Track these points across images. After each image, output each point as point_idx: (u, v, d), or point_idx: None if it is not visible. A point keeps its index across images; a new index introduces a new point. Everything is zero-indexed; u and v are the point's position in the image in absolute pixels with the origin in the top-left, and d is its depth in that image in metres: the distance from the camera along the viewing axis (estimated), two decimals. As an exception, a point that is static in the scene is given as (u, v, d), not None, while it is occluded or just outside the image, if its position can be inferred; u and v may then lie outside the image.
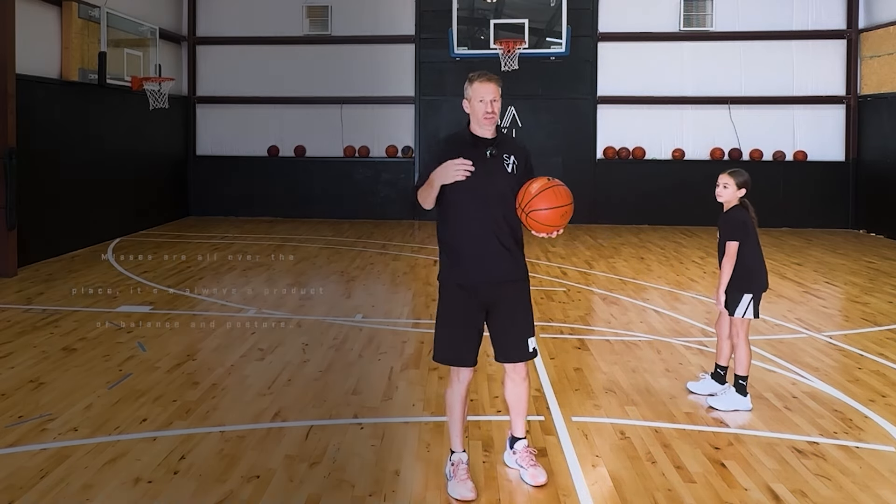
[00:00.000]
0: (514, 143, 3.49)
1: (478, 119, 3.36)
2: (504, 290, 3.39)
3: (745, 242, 4.42)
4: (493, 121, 3.35)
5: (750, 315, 4.45)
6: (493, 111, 3.33)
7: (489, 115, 3.33)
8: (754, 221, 4.50)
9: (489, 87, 3.34)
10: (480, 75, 3.38)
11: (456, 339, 3.38)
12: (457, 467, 3.42)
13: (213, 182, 14.19)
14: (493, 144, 3.37)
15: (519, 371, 3.49)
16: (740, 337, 4.47)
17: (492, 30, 12.65)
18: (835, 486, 3.47)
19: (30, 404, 4.41)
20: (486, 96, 3.32)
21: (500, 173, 3.34)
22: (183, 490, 3.38)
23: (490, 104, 3.32)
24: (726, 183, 4.49)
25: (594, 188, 13.46)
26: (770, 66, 13.31)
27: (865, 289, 8.02)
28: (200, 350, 5.60)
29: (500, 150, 3.37)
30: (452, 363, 3.40)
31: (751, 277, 4.46)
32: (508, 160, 3.37)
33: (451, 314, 3.40)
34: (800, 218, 13.10)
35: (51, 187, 9.59)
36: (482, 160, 3.31)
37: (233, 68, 14.28)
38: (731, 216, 4.47)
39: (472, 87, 3.37)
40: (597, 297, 7.59)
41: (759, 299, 4.49)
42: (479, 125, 3.39)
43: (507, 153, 3.39)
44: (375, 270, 8.95)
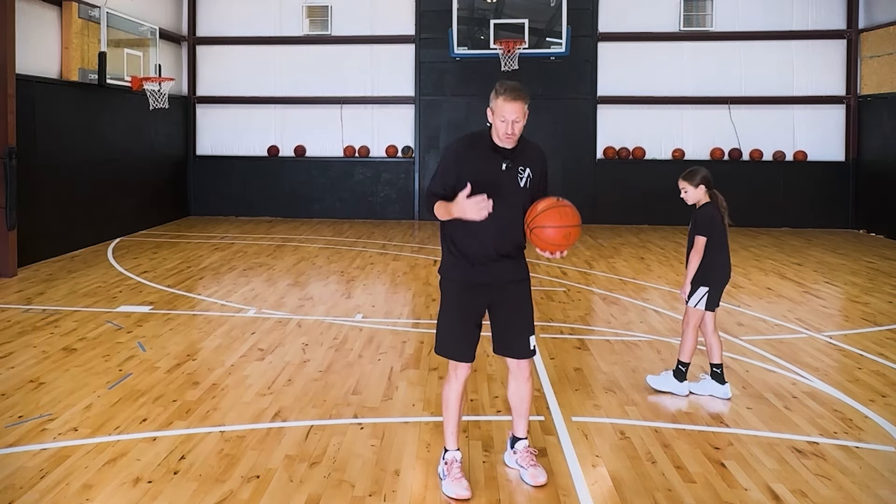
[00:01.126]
0: (532, 154, 3.41)
1: (498, 135, 3.30)
2: (506, 289, 3.42)
3: (712, 238, 4.58)
4: (512, 141, 3.31)
5: (702, 307, 4.62)
6: (513, 132, 3.25)
7: (509, 136, 3.26)
8: (724, 214, 4.63)
9: (513, 108, 3.22)
10: (507, 91, 3.25)
11: (456, 334, 3.42)
12: (450, 466, 3.43)
13: (213, 182, 14.20)
14: (510, 157, 3.33)
15: (523, 370, 3.51)
16: (689, 325, 4.66)
17: (492, 30, 12.65)
18: (835, 486, 3.47)
19: (30, 404, 4.41)
20: (508, 116, 3.23)
21: (512, 187, 3.32)
22: (183, 490, 3.38)
23: (511, 125, 3.24)
24: (684, 187, 4.65)
25: (594, 188, 13.46)
26: (770, 66, 13.32)
27: (865, 289, 8.02)
28: (200, 350, 5.60)
29: (515, 163, 3.34)
30: (451, 357, 3.43)
31: (711, 271, 4.62)
32: (523, 174, 3.34)
33: (452, 309, 3.43)
34: (800, 218, 13.11)
35: (51, 187, 9.59)
36: (497, 172, 3.31)
37: (233, 68, 14.29)
38: (702, 212, 4.63)
39: (496, 102, 3.27)
40: (597, 297, 7.59)
41: (718, 294, 4.66)
42: (499, 140, 3.33)
43: (522, 166, 3.35)
44: (375, 270, 8.95)
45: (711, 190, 4.64)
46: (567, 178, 13.02)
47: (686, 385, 4.68)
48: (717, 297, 4.67)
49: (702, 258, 4.59)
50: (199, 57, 14.45)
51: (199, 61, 14.45)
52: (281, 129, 14.28)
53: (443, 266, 3.49)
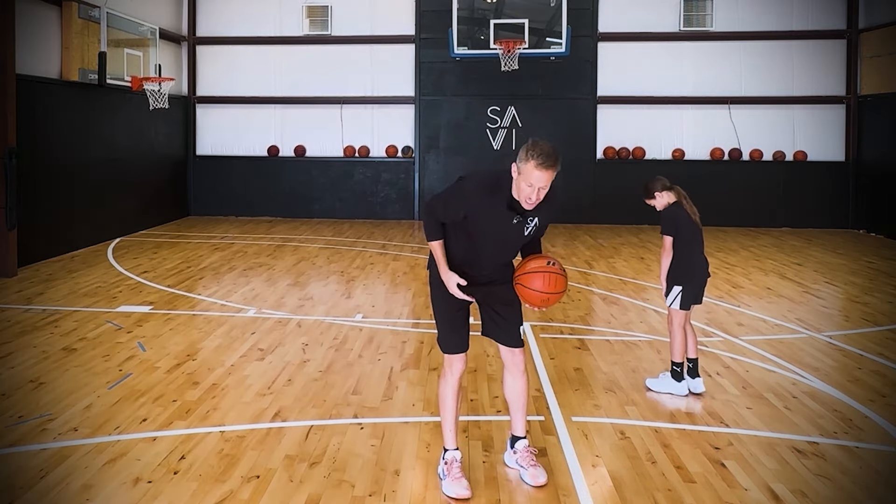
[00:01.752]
0: (546, 202, 3.28)
1: (520, 196, 3.20)
2: (494, 287, 3.52)
3: (679, 237, 4.69)
4: (533, 206, 3.21)
5: (677, 306, 4.68)
6: (536, 199, 3.17)
7: (530, 203, 3.18)
8: (691, 214, 4.73)
9: (544, 176, 3.11)
10: (541, 157, 3.09)
11: (447, 326, 3.50)
12: (450, 466, 3.43)
13: (213, 182, 14.20)
14: (522, 212, 3.29)
15: (518, 363, 3.54)
16: (673, 324, 4.71)
17: (492, 30, 12.65)
18: (835, 486, 3.47)
19: (30, 404, 4.41)
20: (535, 183, 3.12)
21: (516, 236, 3.36)
22: (183, 490, 3.38)
23: (538, 192, 3.15)
24: (650, 203, 4.87)
25: (594, 188, 13.47)
26: (770, 66, 13.32)
27: (865, 289, 8.02)
28: (200, 350, 5.60)
29: (526, 216, 3.31)
30: (447, 349, 3.49)
31: (683, 270, 4.70)
32: (530, 224, 3.33)
33: (441, 301, 3.52)
34: (800, 218, 13.11)
35: (51, 187, 9.59)
36: (507, 224, 3.30)
37: (233, 68, 14.29)
38: (665, 213, 4.78)
39: (527, 166, 3.12)
40: (597, 297, 7.59)
41: (692, 292, 4.71)
42: (518, 198, 3.23)
43: (532, 216, 3.32)
44: (375, 270, 8.95)
45: (674, 190, 4.77)
46: (567, 179, 12.97)
47: (684, 384, 4.69)
48: (692, 296, 4.71)
49: (673, 257, 4.69)
50: (199, 57, 14.45)
51: (199, 61, 14.45)
52: (281, 129, 14.28)
53: (432, 263, 3.54)
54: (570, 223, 13.20)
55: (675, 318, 4.71)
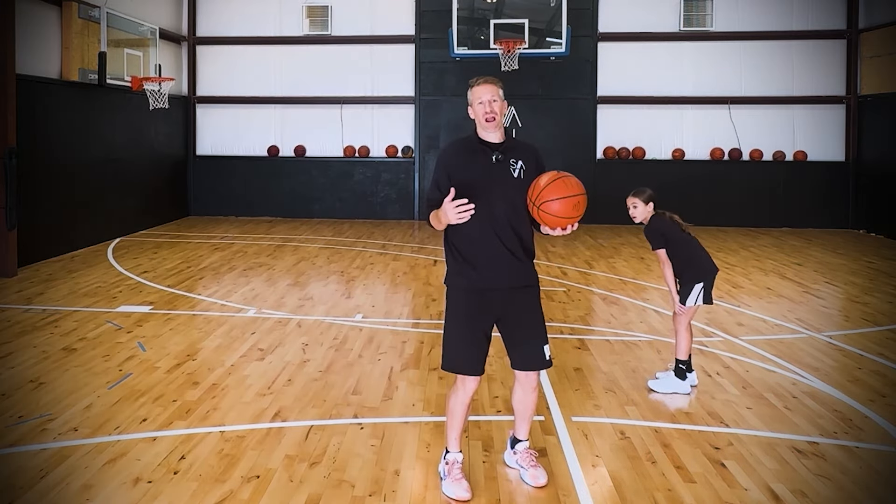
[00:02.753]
0: (523, 147, 3.42)
1: (480, 122, 3.35)
2: (514, 297, 3.33)
3: (672, 243, 4.70)
4: (495, 122, 3.32)
5: (700, 302, 4.69)
6: (491, 110, 3.31)
7: (489, 115, 3.31)
8: (676, 222, 4.73)
9: (487, 88, 3.34)
10: (479, 79, 3.40)
11: (464, 345, 3.32)
12: (451, 466, 3.42)
13: (213, 182, 14.20)
14: (499, 149, 3.34)
15: (531, 380, 3.43)
16: (683, 324, 4.71)
17: (492, 30, 12.65)
18: (835, 486, 3.47)
19: (30, 404, 4.41)
20: (484, 96, 3.32)
21: (506, 178, 3.29)
22: (183, 490, 3.38)
23: (489, 104, 3.31)
24: (634, 203, 4.77)
25: (594, 188, 13.43)
26: (770, 66, 13.32)
27: (865, 289, 8.02)
28: (200, 350, 5.60)
29: (506, 156, 3.33)
30: (460, 371, 3.33)
31: (696, 268, 4.71)
32: (515, 165, 3.33)
33: (459, 319, 3.33)
34: (800, 218, 13.11)
35: (51, 187, 9.60)
36: (488, 165, 3.30)
37: (233, 68, 14.29)
38: (649, 228, 4.75)
39: (471, 91, 3.38)
40: (597, 297, 7.59)
41: (711, 286, 4.73)
42: (483, 128, 3.36)
43: (514, 158, 3.34)
44: (375, 270, 8.94)
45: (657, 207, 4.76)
46: (567, 178, 12.99)
47: (688, 382, 4.70)
48: (711, 290, 4.75)
49: (680, 261, 4.69)
50: (199, 57, 14.45)
51: (199, 61, 14.45)
52: (281, 129, 14.28)
53: (448, 274, 3.41)
54: (570, 223, 13.17)
55: (687, 315, 4.71)
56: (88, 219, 10.50)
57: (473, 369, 3.32)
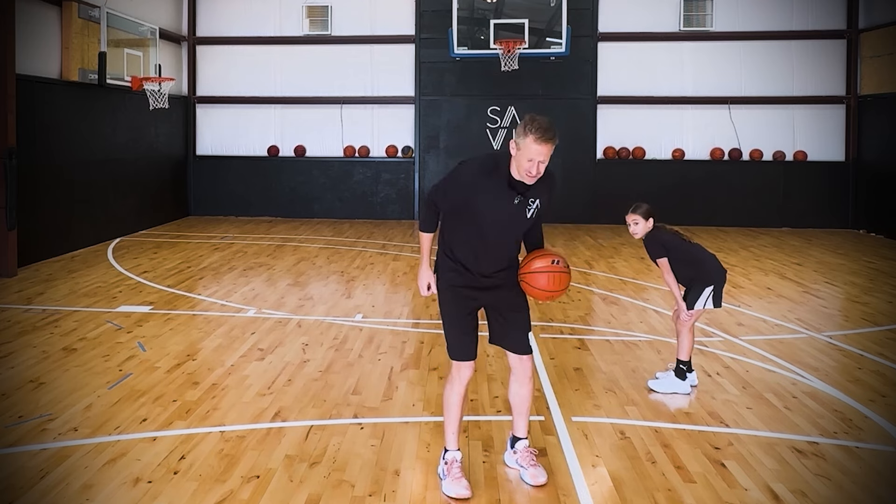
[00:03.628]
0: (545, 184, 3.35)
1: (520, 173, 3.25)
2: (500, 291, 3.49)
3: (674, 250, 4.71)
4: (534, 180, 3.26)
5: (710, 305, 4.69)
6: (537, 173, 3.22)
7: (531, 177, 3.23)
8: (676, 232, 4.78)
9: (544, 150, 3.16)
10: (540, 131, 3.14)
11: (456, 332, 3.46)
12: (450, 466, 3.43)
13: (213, 182, 14.20)
14: (523, 191, 3.31)
15: (525, 370, 3.53)
16: (687, 326, 4.71)
17: (492, 30, 12.64)
18: (835, 486, 3.47)
19: (30, 404, 4.41)
20: (535, 157, 3.17)
21: (518, 219, 3.35)
22: (183, 490, 3.38)
23: (537, 166, 3.19)
24: (635, 220, 4.76)
25: (594, 188, 13.47)
26: (770, 66, 13.32)
27: (865, 289, 8.02)
28: (200, 350, 5.60)
29: (527, 196, 3.32)
30: (457, 357, 3.45)
31: (705, 272, 4.71)
32: (531, 206, 3.35)
33: (449, 305, 3.48)
34: (800, 218, 13.11)
35: (51, 187, 9.60)
36: (508, 206, 3.31)
37: (233, 68, 14.29)
38: (648, 241, 4.75)
39: (525, 141, 3.16)
40: (597, 297, 7.59)
41: (721, 289, 4.74)
42: (518, 175, 3.27)
43: (533, 198, 3.34)
44: (375, 270, 8.95)
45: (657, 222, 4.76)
46: (567, 178, 13.01)
47: (688, 382, 4.71)
48: (721, 293, 4.74)
49: (686, 268, 4.69)
50: (199, 57, 14.45)
51: (199, 61, 14.45)
52: (281, 129, 14.28)
53: (438, 266, 3.54)
54: (570, 223, 13.20)
55: (694, 318, 4.72)
56: (88, 219, 10.50)
57: (467, 355, 3.45)
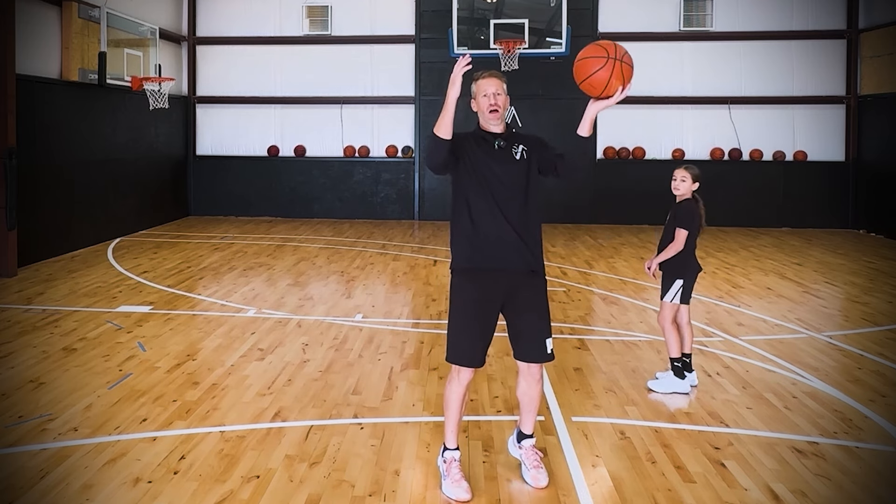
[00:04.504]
0: (524, 136, 3.52)
1: (484, 114, 3.43)
2: (520, 282, 3.38)
3: (690, 234, 4.70)
4: (498, 114, 3.41)
5: (678, 300, 4.72)
6: (496, 103, 3.40)
7: (493, 107, 3.40)
8: (702, 215, 4.78)
9: (492, 81, 3.42)
10: (483, 72, 3.48)
11: (467, 338, 3.35)
12: (450, 465, 3.43)
13: (213, 182, 14.20)
14: (501, 137, 3.44)
15: (535, 372, 3.48)
16: (667, 321, 4.74)
17: (492, 30, 12.64)
18: (835, 486, 3.47)
19: (30, 404, 4.41)
20: (489, 89, 3.41)
21: (509, 161, 3.39)
22: (183, 490, 3.38)
23: (493, 96, 3.40)
24: (684, 177, 4.79)
25: (594, 188, 13.46)
26: (770, 66, 13.32)
27: (865, 289, 8.02)
28: (200, 350, 5.60)
29: (508, 143, 3.43)
30: (463, 363, 3.36)
31: (685, 265, 4.74)
32: (517, 149, 3.42)
33: (464, 310, 3.37)
34: (800, 218, 13.11)
35: (51, 187, 9.59)
36: (491, 151, 3.40)
37: (233, 68, 14.29)
38: (685, 207, 4.74)
39: (476, 84, 3.47)
40: (597, 297, 7.59)
41: (691, 286, 4.77)
42: (486, 120, 3.45)
43: (516, 144, 3.44)
44: (375, 270, 8.95)
45: (697, 192, 4.79)
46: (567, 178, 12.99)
47: (688, 381, 4.71)
48: (691, 290, 4.79)
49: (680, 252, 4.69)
50: (199, 57, 14.45)
51: (199, 61, 14.45)
52: (281, 129, 14.28)
53: (455, 260, 3.45)
54: (570, 223, 13.20)
55: (669, 313, 4.74)
56: (88, 219, 10.49)
57: (474, 361, 3.36)
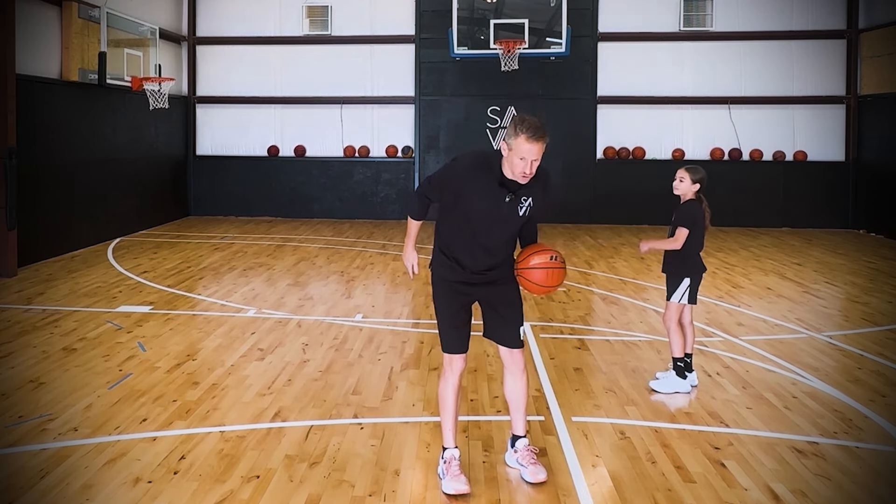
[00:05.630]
0: (538, 183, 3.36)
1: (514, 174, 3.27)
2: (494, 287, 3.53)
3: (693, 233, 4.67)
4: (527, 179, 3.28)
5: (685, 301, 4.72)
6: (530, 172, 3.24)
7: (525, 176, 3.25)
8: (706, 216, 4.73)
9: (535, 148, 3.19)
10: (530, 130, 3.18)
11: (448, 325, 3.51)
12: (449, 465, 3.43)
13: (213, 182, 14.20)
14: (515, 189, 3.33)
15: (517, 362, 3.55)
16: (672, 321, 4.73)
17: (492, 30, 12.65)
18: (835, 486, 3.47)
19: (30, 404, 4.41)
20: (528, 156, 3.19)
21: (511, 217, 3.37)
22: (183, 490, 3.38)
23: (530, 165, 3.22)
24: (682, 177, 4.73)
25: (594, 188, 13.47)
26: (770, 66, 13.32)
27: (865, 289, 8.02)
28: (200, 350, 5.60)
29: (518, 195, 3.34)
30: (448, 349, 3.51)
31: (692, 264, 4.74)
32: (524, 204, 3.36)
33: (442, 299, 3.54)
34: (800, 218, 13.11)
35: (51, 187, 9.59)
36: (499, 204, 3.33)
37: (233, 68, 14.29)
38: (686, 207, 4.71)
39: (517, 141, 3.19)
40: (597, 297, 7.59)
41: (697, 285, 4.77)
42: (511, 175, 3.29)
43: (525, 196, 3.35)
44: (375, 270, 8.95)
45: (700, 193, 4.74)
46: (567, 178, 13.02)
47: (689, 380, 4.72)
48: (697, 290, 4.79)
49: (683, 252, 4.68)
50: (199, 57, 14.45)
51: (199, 61, 14.45)
52: (281, 129, 14.28)
53: (434, 264, 3.60)
54: (570, 223, 13.20)
55: (674, 313, 4.74)
56: (88, 219, 10.49)
57: (457, 348, 3.51)
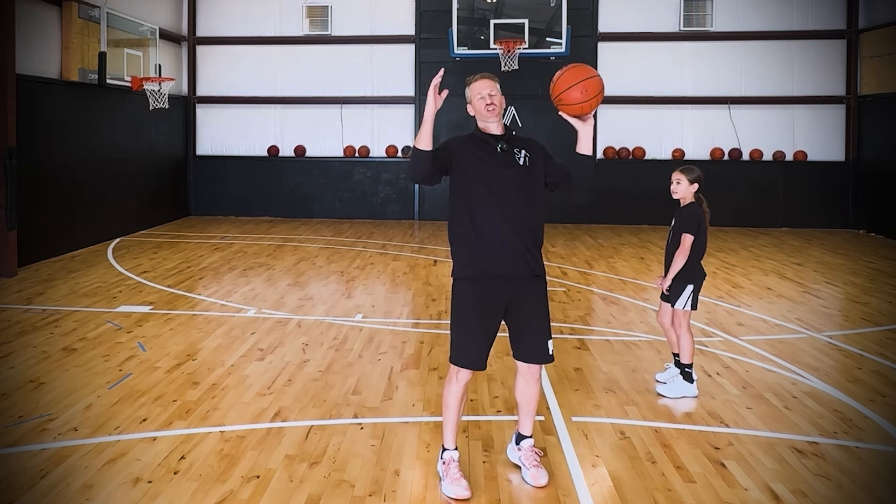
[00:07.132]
0: (525, 140, 3.51)
1: (481, 114, 3.45)
2: (523, 286, 3.37)
3: (696, 237, 4.60)
4: (495, 112, 3.42)
5: (689, 307, 4.67)
6: (492, 102, 3.41)
7: (490, 107, 3.41)
8: (707, 217, 4.67)
9: (485, 83, 3.45)
10: (475, 75, 3.51)
11: (471, 342, 3.36)
12: (448, 466, 3.43)
13: (213, 182, 14.20)
14: (502, 140, 3.43)
15: (534, 372, 3.50)
16: (683, 327, 4.68)
17: (492, 30, 12.65)
18: (835, 486, 3.47)
19: (30, 404, 4.41)
20: (483, 91, 3.43)
21: (512, 166, 3.38)
22: (183, 490, 3.38)
23: (488, 97, 3.41)
24: (679, 179, 4.69)
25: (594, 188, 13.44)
26: (770, 66, 13.32)
27: (865, 289, 8.02)
28: (200, 350, 5.60)
29: (510, 146, 3.43)
30: (468, 366, 3.37)
31: (694, 270, 4.66)
32: (519, 154, 3.42)
33: (466, 314, 3.37)
34: (800, 218, 13.11)
35: (51, 187, 9.59)
36: (493, 154, 3.39)
37: (233, 68, 14.29)
38: (688, 211, 4.64)
39: (469, 89, 3.49)
40: (597, 297, 7.59)
41: (699, 291, 4.71)
42: (484, 121, 3.46)
43: (518, 148, 3.44)
44: (375, 270, 8.95)
45: (699, 193, 4.69)
46: (567, 178, 13.00)
47: (695, 385, 4.67)
48: (698, 296, 4.74)
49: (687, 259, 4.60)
50: (199, 57, 14.45)
51: (199, 61, 14.45)
52: (281, 129, 14.28)
53: (456, 267, 3.42)
54: (570, 223, 13.20)
55: (684, 319, 4.68)
56: (88, 219, 10.49)
57: (477, 365, 3.40)
